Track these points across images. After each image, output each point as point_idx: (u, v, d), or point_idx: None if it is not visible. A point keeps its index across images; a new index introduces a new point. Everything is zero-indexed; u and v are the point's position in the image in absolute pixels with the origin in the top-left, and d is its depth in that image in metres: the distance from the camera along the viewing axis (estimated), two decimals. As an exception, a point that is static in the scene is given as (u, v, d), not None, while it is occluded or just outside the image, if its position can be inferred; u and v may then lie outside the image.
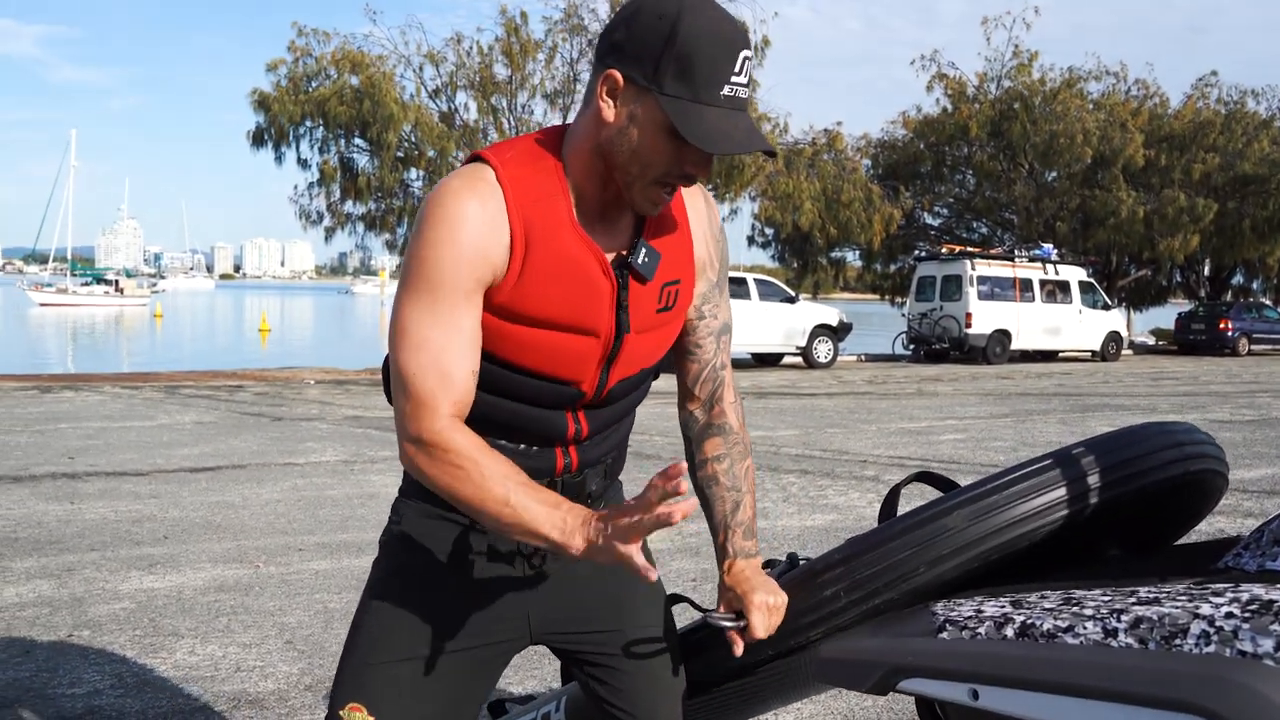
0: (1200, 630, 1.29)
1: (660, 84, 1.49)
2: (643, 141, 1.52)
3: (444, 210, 1.53)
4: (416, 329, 1.54)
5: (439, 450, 1.52)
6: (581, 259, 1.58)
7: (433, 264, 1.53)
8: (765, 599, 1.73)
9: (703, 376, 1.82)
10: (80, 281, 76.66)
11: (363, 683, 1.70)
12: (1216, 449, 1.87)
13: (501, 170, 1.56)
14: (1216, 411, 13.68)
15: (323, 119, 24.11)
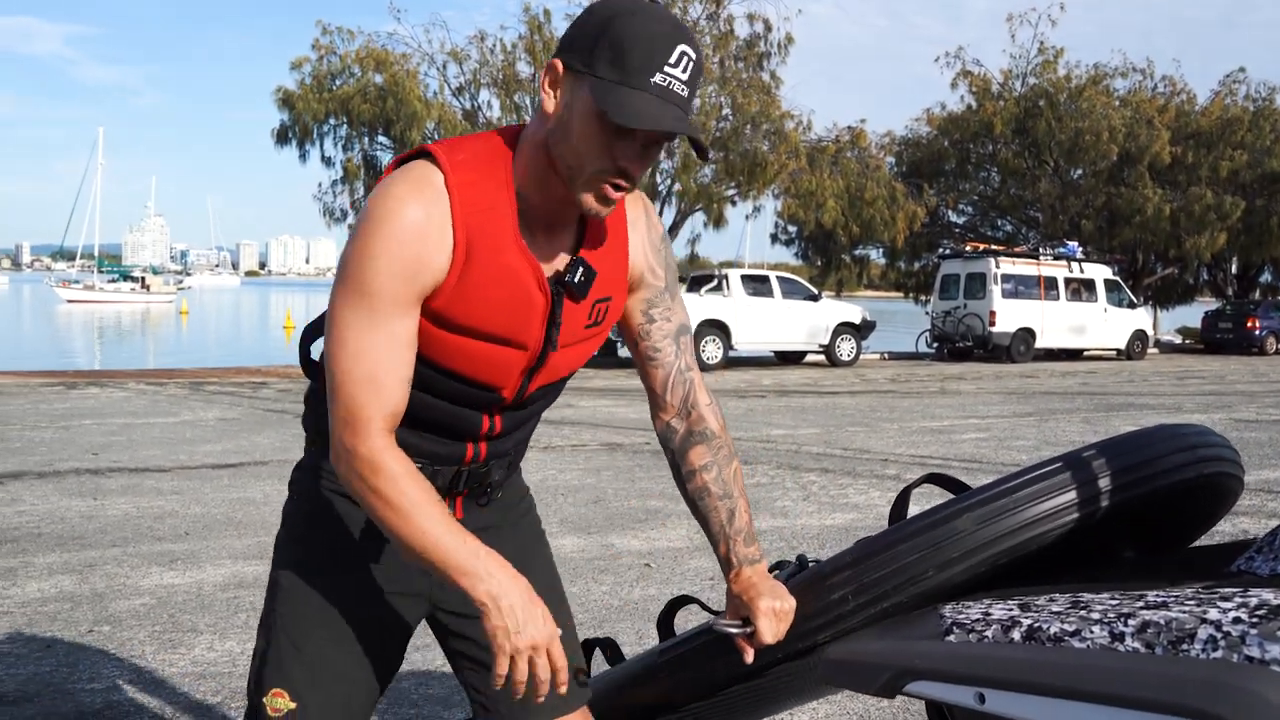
0: (1208, 635, 1.28)
1: (593, 67, 1.50)
2: (577, 128, 1.52)
3: (389, 217, 1.52)
4: (355, 337, 1.54)
5: (369, 469, 1.53)
6: (520, 273, 1.59)
7: (373, 273, 1.52)
8: (772, 604, 1.73)
9: (670, 381, 1.82)
10: (107, 278, 77.30)
11: (283, 668, 1.72)
12: (1231, 451, 1.85)
13: (450, 175, 1.55)
14: (1243, 411, 13.57)
15: (346, 117, 24.24)
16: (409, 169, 1.57)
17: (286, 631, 1.74)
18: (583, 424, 11.68)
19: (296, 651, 1.73)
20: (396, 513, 1.52)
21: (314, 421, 1.82)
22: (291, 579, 1.77)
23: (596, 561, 5.62)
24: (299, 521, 1.81)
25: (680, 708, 1.97)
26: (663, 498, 7.37)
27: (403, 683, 3.85)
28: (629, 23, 1.50)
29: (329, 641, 1.74)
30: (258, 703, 1.73)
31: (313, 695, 1.72)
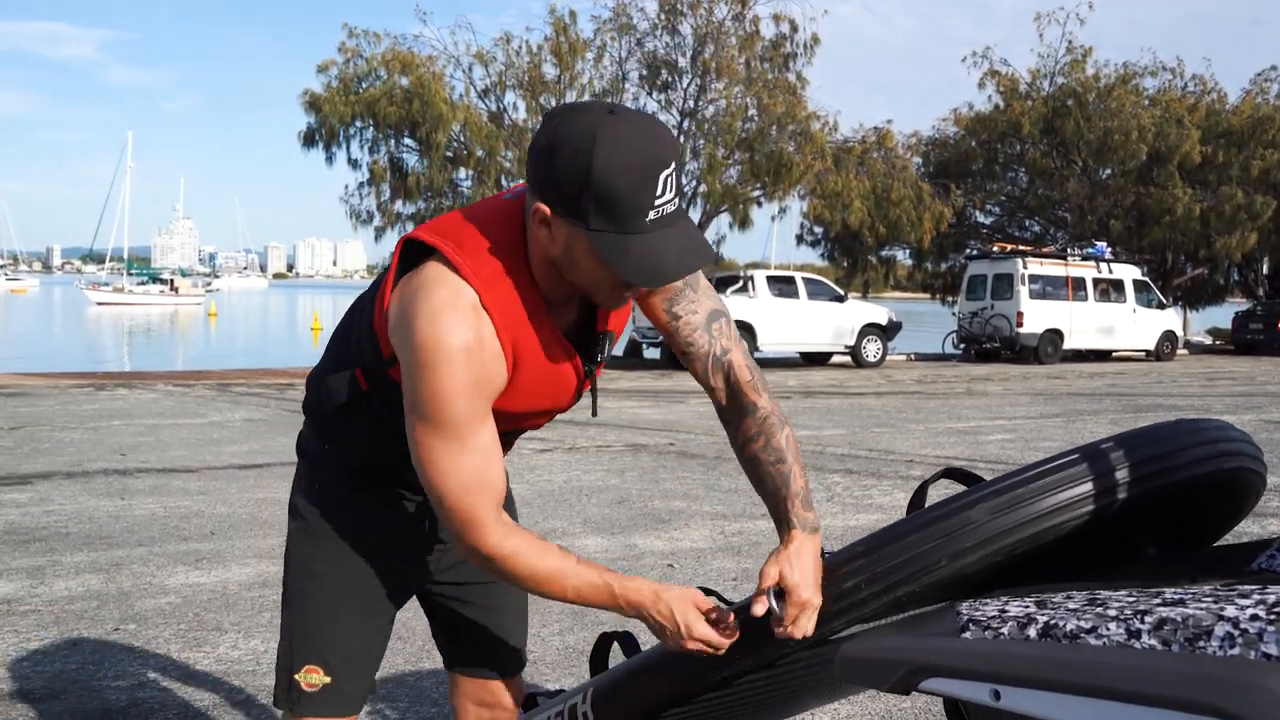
0: (1225, 632, 1.27)
1: (586, 221, 1.54)
2: (584, 266, 1.60)
3: (448, 353, 1.59)
4: (451, 460, 1.65)
5: (500, 560, 1.70)
6: (562, 365, 1.75)
7: (449, 408, 1.62)
8: (813, 599, 1.72)
9: (709, 368, 1.88)
10: (136, 281, 77.94)
11: (313, 644, 1.89)
12: (1252, 447, 1.83)
13: (485, 296, 1.63)
14: (1272, 412, 13.44)
15: (373, 119, 24.33)
16: (440, 286, 1.62)
17: (314, 609, 1.90)
18: (608, 425, 11.69)
19: (325, 628, 1.89)
20: (537, 584, 1.71)
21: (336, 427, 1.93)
22: (319, 563, 1.92)
23: (620, 562, 5.62)
24: (312, 507, 1.95)
25: (694, 699, 1.96)
26: (686, 499, 7.36)
27: (424, 681, 3.87)
28: (608, 169, 1.50)
29: (353, 618, 1.91)
30: (290, 679, 1.88)
31: (344, 669, 1.89)
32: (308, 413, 1.98)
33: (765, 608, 1.72)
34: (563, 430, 10.95)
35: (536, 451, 9.51)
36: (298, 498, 1.99)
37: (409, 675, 3.92)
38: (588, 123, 1.52)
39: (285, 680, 1.90)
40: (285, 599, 1.95)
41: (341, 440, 1.93)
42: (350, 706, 1.92)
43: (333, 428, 1.93)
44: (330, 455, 1.95)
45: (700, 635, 1.70)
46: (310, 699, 1.88)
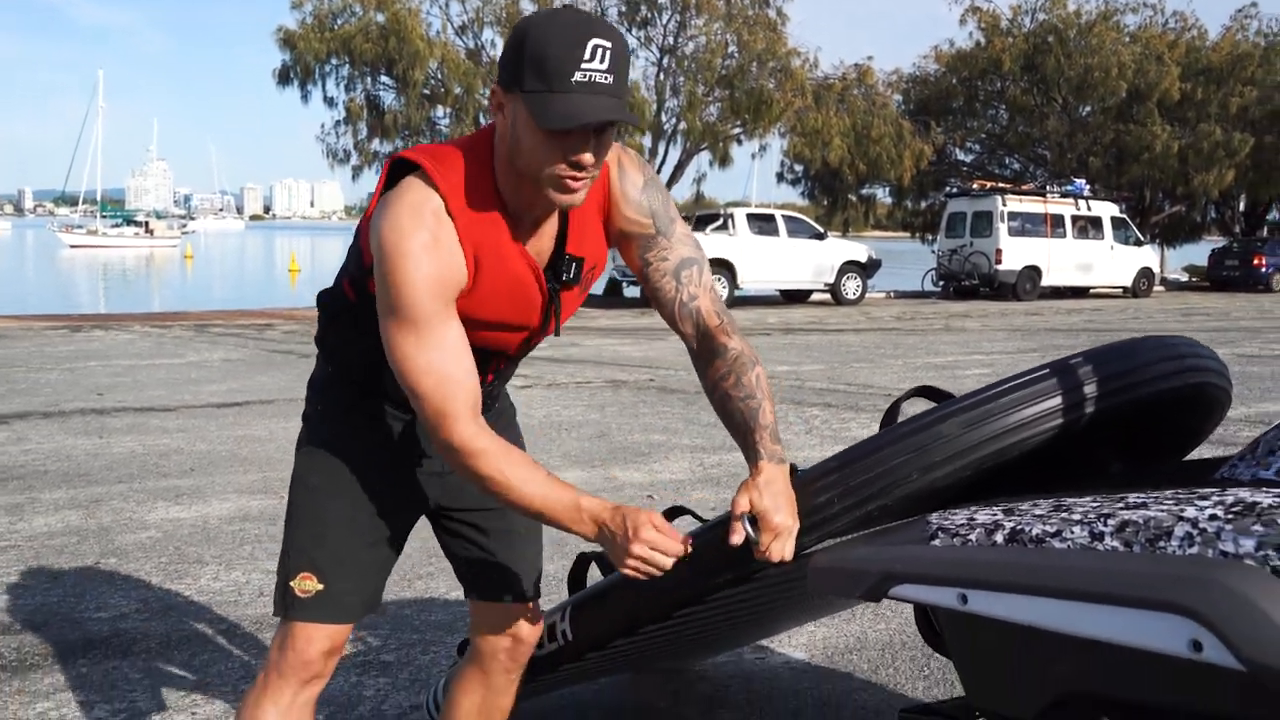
0: (1184, 532, 1.30)
1: (521, 84, 1.65)
2: (524, 141, 1.68)
3: (403, 250, 1.70)
4: (417, 354, 1.74)
5: (468, 457, 1.75)
6: (523, 277, 1.83)
7: (410, 301, 1.71)
8: (785, 522, 1.75)
9: (678, 313, 1.95)
10: (110, 223, 77.13)
11: (309, 555, 1.97)
12: (1218, 363, 1.86)
13: (450, 200, 1.74)
14: (1246, 346, 13.56)
15: (348, 56, 24.04)
16: (407, 192, 1.74)
17: (312, 523, 1.98)
18: (587, 362, 11.71)
19: (321, 541, 1.97)
20: (501, 487, 1.76)
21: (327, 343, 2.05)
22: (315, 477, 2.00)
23: (600, 493, 5.64)
24: (320, 427, 2.03)
25: (671, 615, 2.00)
26: (665, 432, 7.41)
27: (405, 610, 3.90)
28: (540, 34, 1.63)
29: (347, 528, 1.98)
30: (286, 585, 1.96)
31: (336, 576, 1.96)
32: (317, 341, 2.09)
33: (741, 535, 1.75)
34: (541, 367, 10.97)
35: (517, 388, 9.53)
36: (303, 423, 2.09)
37: (390, 604, 3.96)
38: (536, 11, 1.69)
39: (282, 586, 1.98)
40: (287, 515, 2.04)
41: (337, 359, 2.03)
42: (343, 614, 1.98)
43: (330, 346, 2.04)
44: (330, 378, 2.04)
45: (646, 538, 1.71)
46: (303, 604, 1.95)
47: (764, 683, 3.27)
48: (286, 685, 1.96)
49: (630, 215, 1.91)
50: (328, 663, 1.98)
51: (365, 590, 2.03)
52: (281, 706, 1.95)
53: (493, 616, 2.17)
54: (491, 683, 2.20)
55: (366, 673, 3.34)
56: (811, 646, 3.56)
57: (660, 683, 3.27)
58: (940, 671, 3.35)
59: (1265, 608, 1.20)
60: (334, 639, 1.98)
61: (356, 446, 2.00)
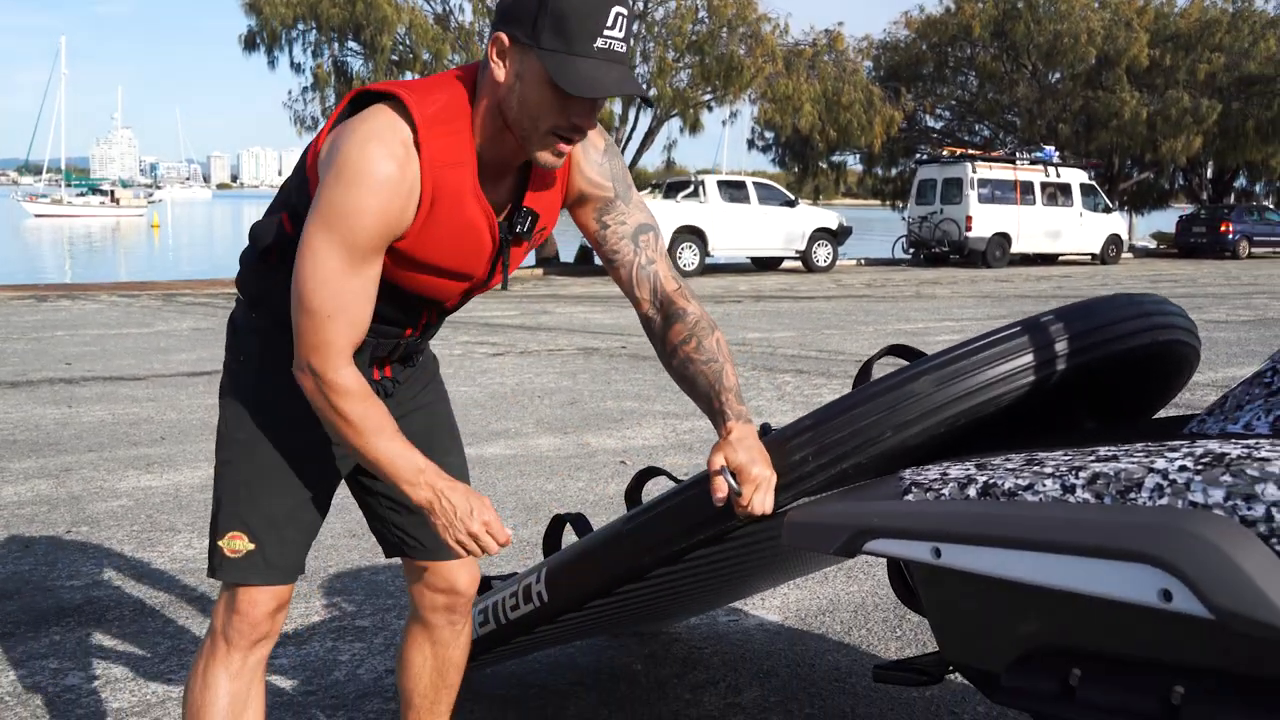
0: (1155, 484, 1.31)
1: (538, 40, 1.63)
2: (529, 96, 1.66)
3: (367, 174, 1.66)
4: (333, 279, 1.70)
5: (332, 391, 1.73)
6: (476, 223, 1.79)
7: (356, 227, 1.68)
8: (764, 473, 1.76)
9: (635, 278, 1.94)
10: (75, 192, 76.18)
11: (239, 513, 1.91)
12: (1187, 320, 1.88)
13: (421, 132, 1.69)
14: (1213, 312, 13.69)
15: (315, 21, 23.74)
16: (378, 116, 1.69)
17: (240, 480, 1.92)
18: (559, 330, 11.70)
19: (251, 498, 1.91)
20: (354, 430, 1.74)
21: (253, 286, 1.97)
22: (240, 432, 1.94)
23: (572, 459, 5.67)
24: (244, 378, 1.97)
25: (646, 575, 2.01)
26: (638, 399, 7.42)
27: (379, 576, 3.91)
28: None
29: (278, 488, 1.93)
30: (215, 545, 1.91)
31: (267, 535, 1.91)
32: (239, 285, 2.01)
33: (724, 491, 1.75)
34: (513, 335, 10.95)
35: (489, 355, 9.52)
36: (224, 375, 2.03)
37: (365, 570, 3.96)
38: None
39: (211, 547, 1.93)
40: (216, 471, 1.98)
41: (263, 301, 1.94)
42: (274, 575, 1.92)
43: (256, 288, 1.95)
44: (255, 324, 1.96)
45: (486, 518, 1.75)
46: (234, 565, 1.90)
47: (738, 644, 3.30)
48: (235, 650, 1.92)
49: (592, 178, 1.91)
50: (274, 621, 1.95)
51: (297, 550, 1.97)
52: (232, 671, 1.93)
53: (427, 574, 2.15)
54: (437, 636, 2.19)
55: (342, 638, 3.34)
56: (785, 608, 3.59)
57: (635, 645, 3.29)
58: (912, 632, 3.39)
59: (1234, 556, 1.22)
60: (279, 597, 1.94)
61: (282, 399, 1.91)
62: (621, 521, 2.05)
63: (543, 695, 2.94)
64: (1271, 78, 30.94)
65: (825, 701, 2.89)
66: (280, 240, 1.86)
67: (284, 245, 1.85)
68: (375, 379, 1.98)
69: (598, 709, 2.85)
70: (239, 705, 1.93)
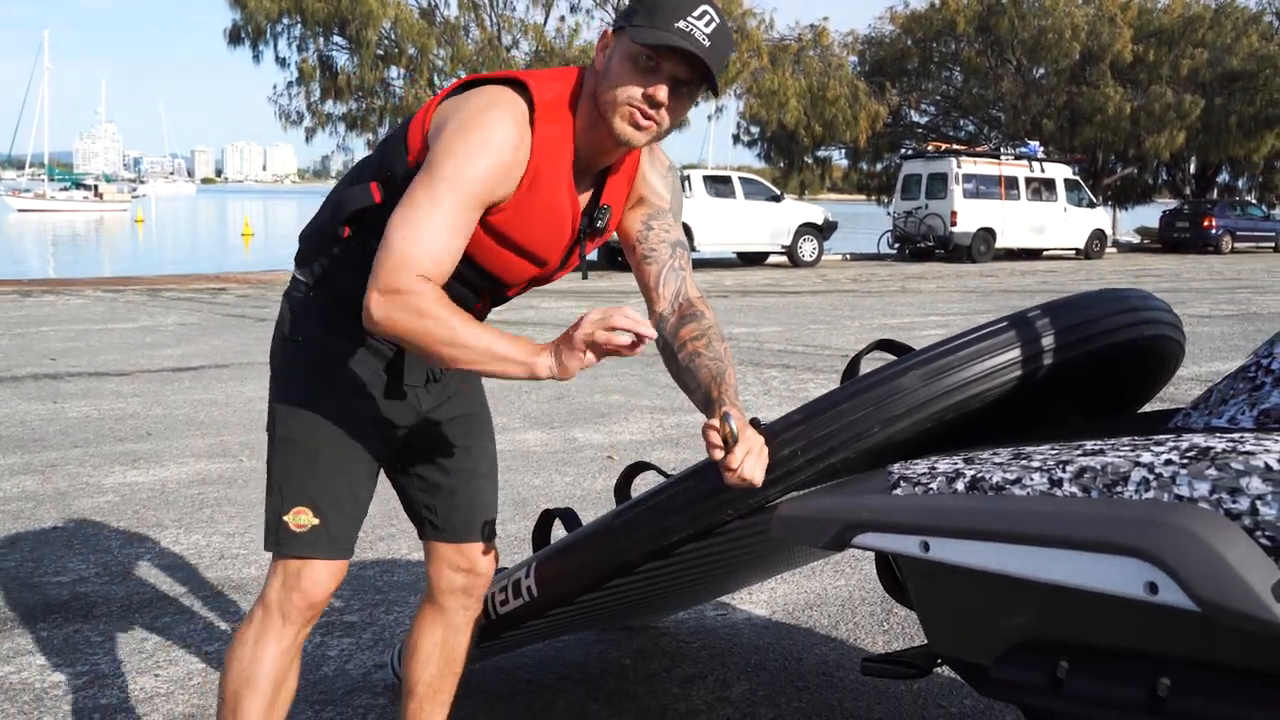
0: (1141, 477, 1.33)
1: (630, 21, 1.77)
2: (614, 69, 1.78)
3: (493, 127, 1.76)
4: (422, 216, 1.73)
5: (411, 295, 1.70)
6: (564, 211, 1.88)
7: (470, 169, 1.74)
8: (758, 439, 1.76)
9: (664, 275, 2.01)
10: (58, 187, 75.85)
11: (305, 488, 1.96)
12: (1171, 315, 1.89)
13: (538, 115, 1.80)
14: (1197, 307, 13.76)
15: (300, 16, 23.67)
16: (500, 93, 1.81)
17: (307, 455, 1.97)
18: (545, 324, 11.70)
19: (315, 473, 1.97)
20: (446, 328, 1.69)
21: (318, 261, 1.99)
22: (300, 410, 1.98)
23: (559, 454, 5.68)
24: (293, 357, 2.00)
25: (635, 569, 2.01)
26: (625, 394, 7.43)
27: (366, 571, 3.91)
28: None
29: (339, 465, 1.98)
30: (279, 520, 1.95)
31: (332, 510, 1.97)
32: (300, 262, 2.02)
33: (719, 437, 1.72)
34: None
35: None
36: (280, 355, 2.04)
37: (353, 565, 3.95)
38: None
39: (274, 522, 1.97)
40: (272, 448, 2.01)
41: (328, 279, 1.98)
42: (337, 549, 1.98)
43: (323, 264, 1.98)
44: (315, 303, 1.99)
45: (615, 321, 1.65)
46: (299, 540, 1.95)
47: (726, 638, 3.31)
48: (290, 625, 1.98)
49: (655, 186, 2.03)
50: (327, 601, 2.01)
51: (356, 525, 2.02)
52: (284, 646, 1.98)
53: (451, 555, 2.20)
54: (450, 621, 2.23)
55: (331, 633, 3.34)
56: (772, 603, 3.61)
57: (624, 640, 3.30)
58: (900, 625, 3.40)
59: (1219, 549, 1.24)
60: (338, 576, 2.00)
61: (343, 376, 1.98)
62: (611, 516, 2.06)
63: (531, 689, 2.95)
64: (1254, 73, 31.09)
65: (813, 695, 2.90)
66: (366, 209, 1.89)
67: (366, 216, 1.89)
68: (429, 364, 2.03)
69: (586, 703, 2.86)
70: (282, 677, 2.00)
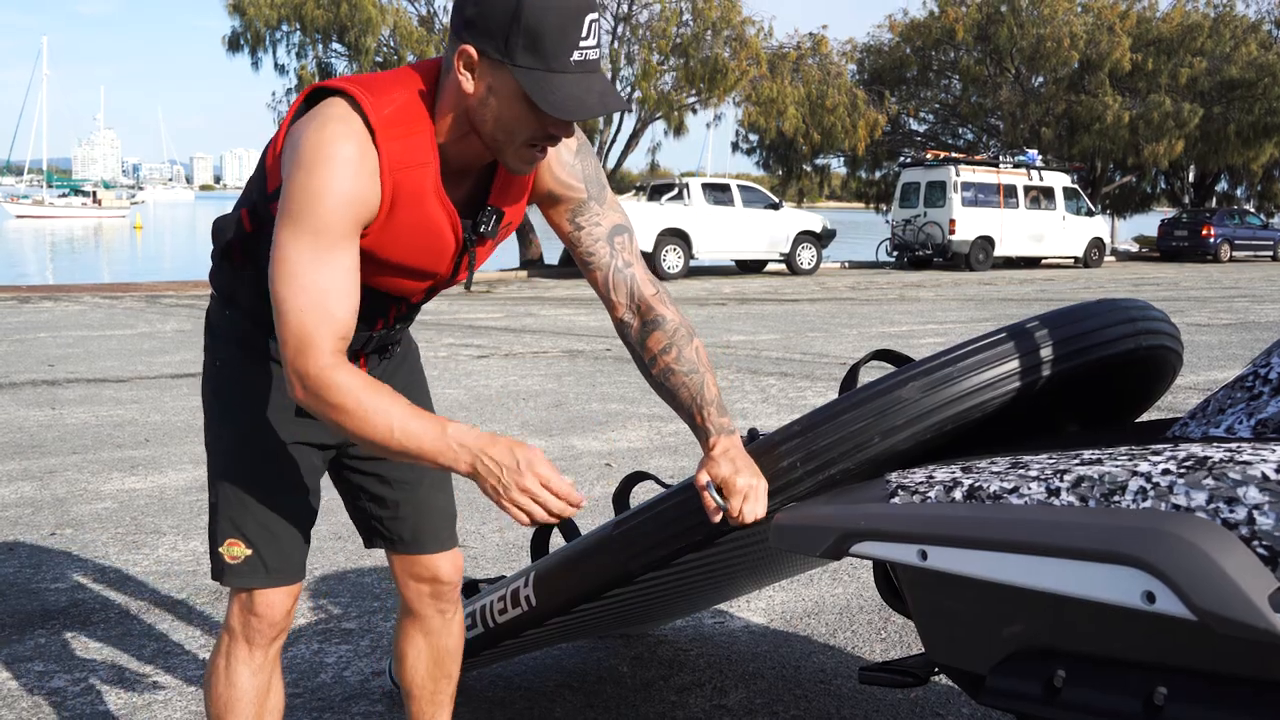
0: (1138, 487, 1.33)
1: (512, 57, 1.58)
2: (504, 111, 1.62)
3: (328, 156, 1.61)
4: (305, 271, 1.62)
5: (323, 389, 1.63)
6: (439, 223, 1.74)
7: (322, 209, 1.61)
8: (750, 482, 1.76)
9: (611, 281, 1.91)
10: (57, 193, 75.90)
11: (235, 520, 1.93)
12: (1170, 326, 1.89)
13: (378, 131, 1.64)
14: (1195, 315, 13.78)
15: (300, 23, 23.69)
16: (332, 109, 1.65)
17: (232, 486, 1.93)
18: (544, 332, 11.70)
19: (242, 504, 1.92)
20: (359, 420, 1.62)
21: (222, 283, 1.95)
22: (224, 438, 1.95)
23: (558, 462, 5.68)
24: (217, 384, 1.97)
25: (634, 579, 2.02)
26: (623, 401, 7.43)
27: (365, 578, 3.91)
28: (539, 3, 1.55)
29: (268, 490, 1.93)
30: (216, 552, 1.93)
31: (264, 541, 1.92)
32: (211, 281, 1.99)
33: (715, 507, 1.76)
34: (498, 337, 10.95)
35: (473, 358, 9.51)
36: (204, 380, 2.01)
37: (351, 572, 3.96)
38: None
39: (213, 553, 1.95)
40: (208, 474, 1.99)
41: (236, 300, 1.93)
42: (275, 578, 1.94)
43: (224, 283, 1.95)
44: (228, 323, 1.95)
45: (541, 472, 1.59)
46: (235, 571, 1.93)
47: (723, 646, 3.31)
48: (256, 648, 1.97)
49: (563, 178, 1.88)
50: (290, 617, 2.00)
51: (296, 548, 1.97)
52: (255, 666, 1.98)
53: (409, 565, 2.15)
54: (428, 626, 2.19)
55: (328, 640, 3.34)
56: (770, 611, 3.61)
57: (621, 647, 3.30)
58: (898, 634, 3.40)
59: (1216, 558, 1.24)
60: (292, 594, 1.98)
61: (263, 396, 1.92)
62: (610, 526, 2.06)
63: (529, 697, 2.95)
64: (1252, 82, 31.12)
65: (811, 703, 2.90)
66: (240, 237, 1.85)
67: (245, 242, 1.85)
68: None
69: (584, 710, 2.86)
70: (262, 695, 1.99)
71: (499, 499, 1.60)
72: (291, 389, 1.66)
